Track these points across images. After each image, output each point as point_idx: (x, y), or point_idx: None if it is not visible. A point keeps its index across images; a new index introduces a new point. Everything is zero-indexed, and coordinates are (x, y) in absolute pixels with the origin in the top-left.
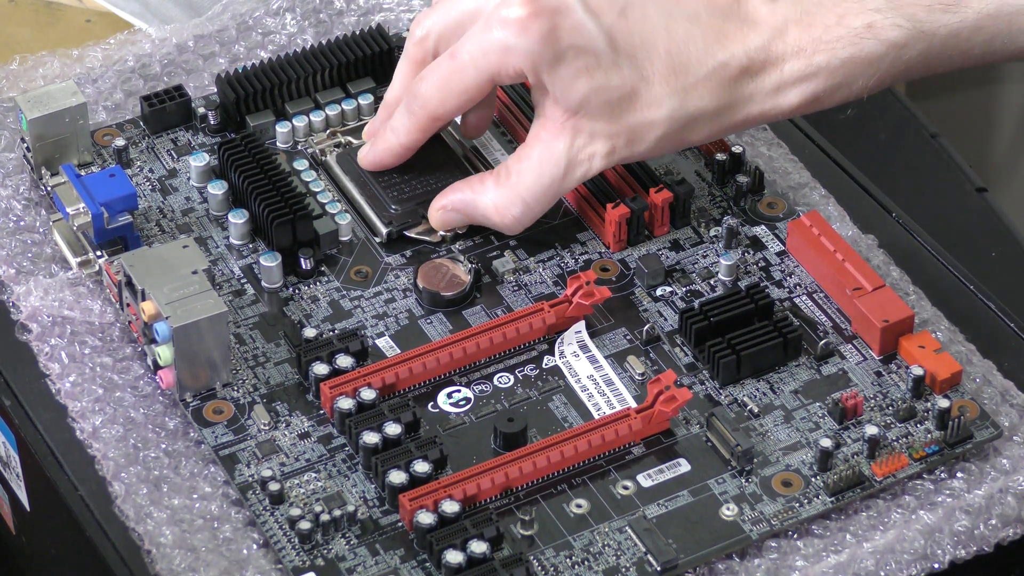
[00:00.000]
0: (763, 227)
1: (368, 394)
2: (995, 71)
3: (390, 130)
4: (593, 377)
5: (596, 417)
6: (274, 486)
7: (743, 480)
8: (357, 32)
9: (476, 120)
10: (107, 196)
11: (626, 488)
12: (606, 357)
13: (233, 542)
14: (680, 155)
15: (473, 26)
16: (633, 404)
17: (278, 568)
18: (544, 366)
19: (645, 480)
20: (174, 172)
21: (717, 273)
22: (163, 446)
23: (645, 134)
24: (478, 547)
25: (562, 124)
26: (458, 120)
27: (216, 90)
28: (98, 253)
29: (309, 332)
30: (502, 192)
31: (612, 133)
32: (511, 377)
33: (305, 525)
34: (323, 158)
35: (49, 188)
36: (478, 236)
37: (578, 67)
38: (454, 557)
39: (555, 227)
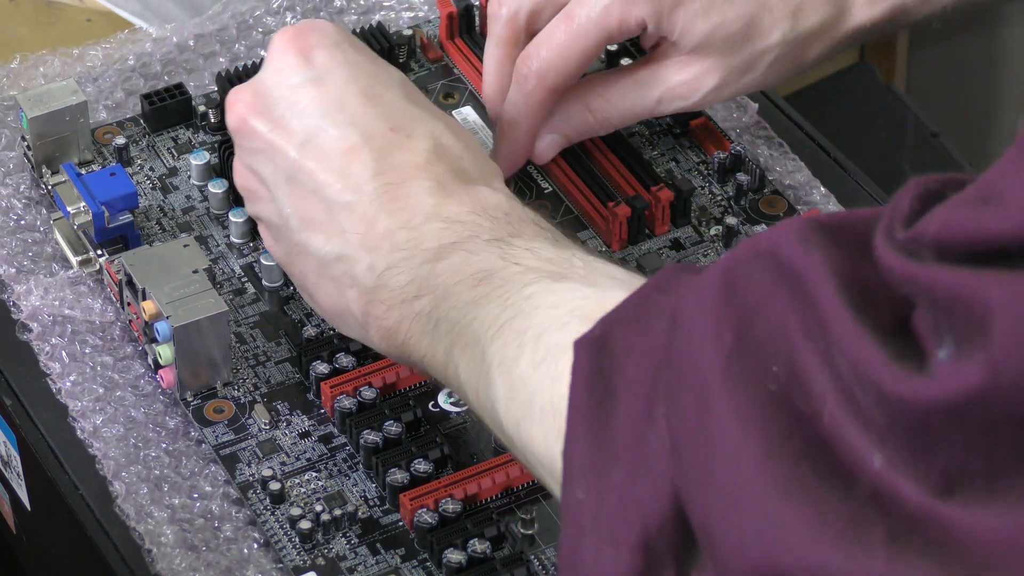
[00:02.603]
0: (763, 226)
1: (369, 393)
2: (995, 70)
3: (509, 125)
4: None
5: None
6: (275, 485)
7: None
8: (358, 31)
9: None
10: (108, 195)
11: None
12: None
13: (234, 541)
14: (681, 154)
15: None
16: None
17: (279, 567)
18: None
19: None
20: (175, 170)
21: None
22: (164, 445)
23: (758, 62)
24: (479, 546)
25: (677, 62)
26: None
27: (217, 88)
28: (99, 252)
29: (310, 331)
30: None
31: (727, 67)
32: None
33: (306, 524)
34: None
35: (50, 187)
36: None
37: (696, 8)
38: (455, 556)
39: (556, 226)
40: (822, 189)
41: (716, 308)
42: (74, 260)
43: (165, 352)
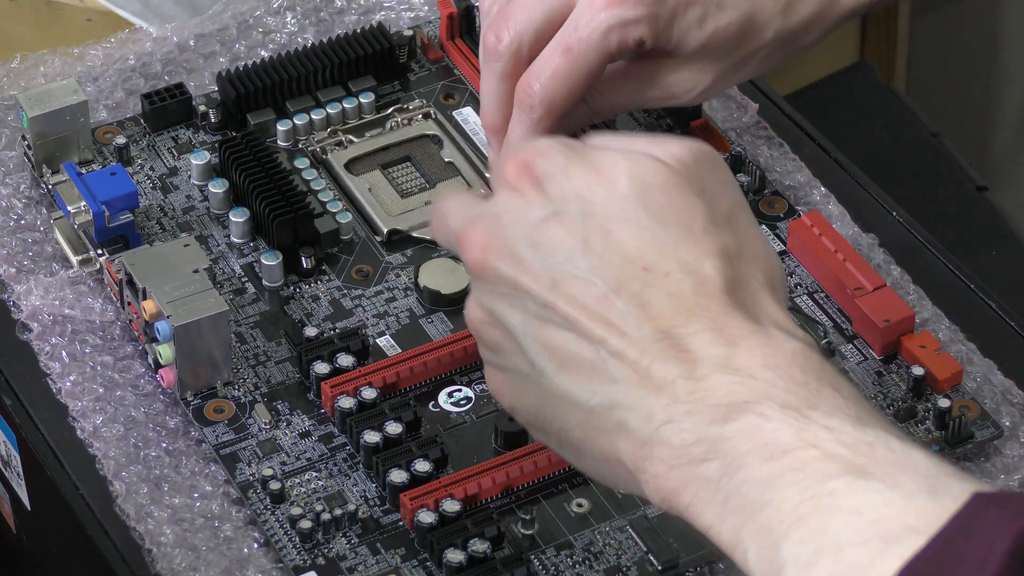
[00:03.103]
0: (764, 227)
1: (369, 393)
2: (995, 70)
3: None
4: None
5: None
6: (275, 485)
7: None
8: (358, 31)
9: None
10: (108, 194)
11: None
12: None
13: (234, 541)
14: None
15: (572, 14)
16: None
17: (279, 567)
18: None
19: None
20: (175, 170)
21: None
22: (164, 445)
23: (752, 58)
24: (479, 546)
25: (673, 63)
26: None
27: (217, 88)
28: (99, 251)
29: (310, 331)
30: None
31: (722, 68)
32: None
33: (306, 524)
34: (324, 156)
35: (50, 186)
36: None
37: (691, 19)
38: (455, 556)
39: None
40: (822, 189)
41: None
42: (74, 259)
43: (165, 352)
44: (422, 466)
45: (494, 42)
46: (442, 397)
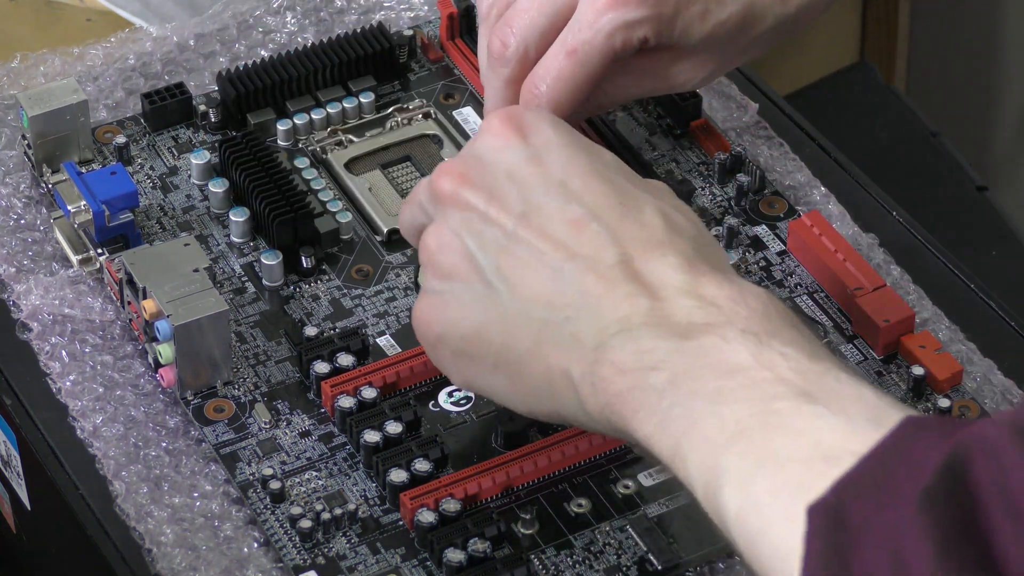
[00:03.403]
0: (764, 227)
1: (369, 393)
2: (995, 70)
3: None
4: None
5: None
6: (275, 485)
7: None
8: (358, 30)
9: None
10: (108, 194)
11: (627, 487)
12: None
13: (234, 541)
14: (681, 154)
15: (575, 16)
16: None
17: (279, 567)
18: None
19: (646, 479)
20: (175, 170)
21: None
22: (164, 444)
23: (751, 46)
24: (479, 546)
25: (673, 55)
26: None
27: (217, 88)
28: (99, 251)
29: (310, 330)
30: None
31: (723, 57)
32: None
33: (306, 524)
34: (324, 156)
35: (50, 186)
36: None
37: (693, 14)
38: (455, 556)
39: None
40: (822, 189)
41: (920, 519)
42: (74, 259)
43: (165, 351)
44: (422, 466)
45: (500, 48)
46: (442, 397)
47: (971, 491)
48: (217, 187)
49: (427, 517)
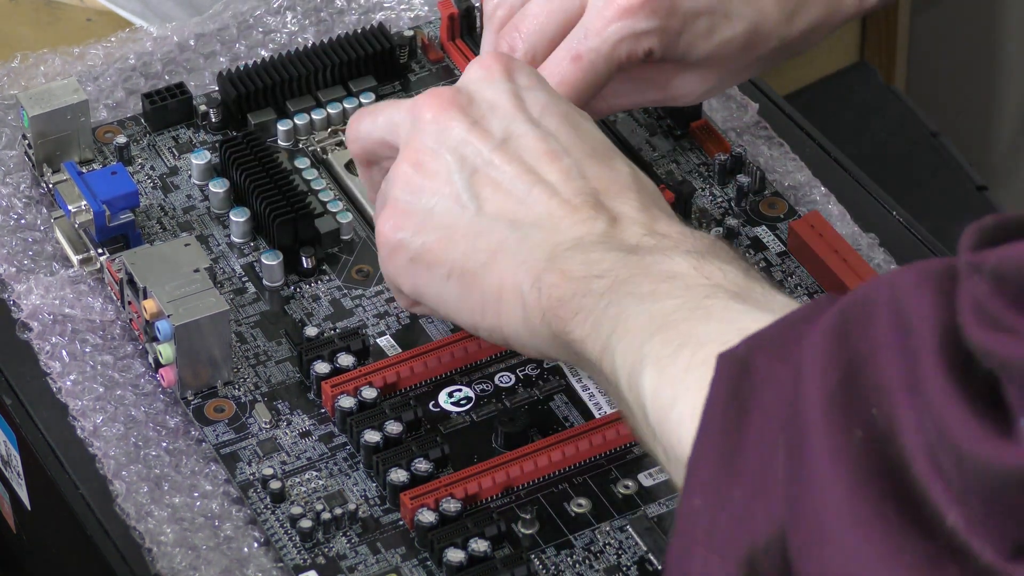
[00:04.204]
0: (764, 227)
1: (369, 393)
2: (995, 70)
3: None
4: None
5: (597, 416)
6: (275, 484)
7: None
8: (358, 31)
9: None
10: (109, 194)
11: (627, 487)
12: None
13: (234, 540)
14: (681, 155)
15: (582, 22)
16: None
17: (279, 566)
18: (545, 365)
19: (646, 479)
20: (175, 170)
21: None
22: (164, 444)
23: (755, 64)
24: (479, 546)
25: (677, 68)
26: None
27: (217, 88)
28: (99, 251)
29: (310, 331)
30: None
31: (726, 73)
32: (512, 376)
33: (306, 523)
34: (324, 156)
35: (51, 185)
36: None
37: (699, 30)
38: (455, 556)
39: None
40: (822, 189)
41: (828, 346)
42: (75, 259)
43: (166, 351)
44: (422, 465)
45: (508, 52)
46: (442, 397)
47: (872, 330)
48: (217, 187)
49: (427, 517)
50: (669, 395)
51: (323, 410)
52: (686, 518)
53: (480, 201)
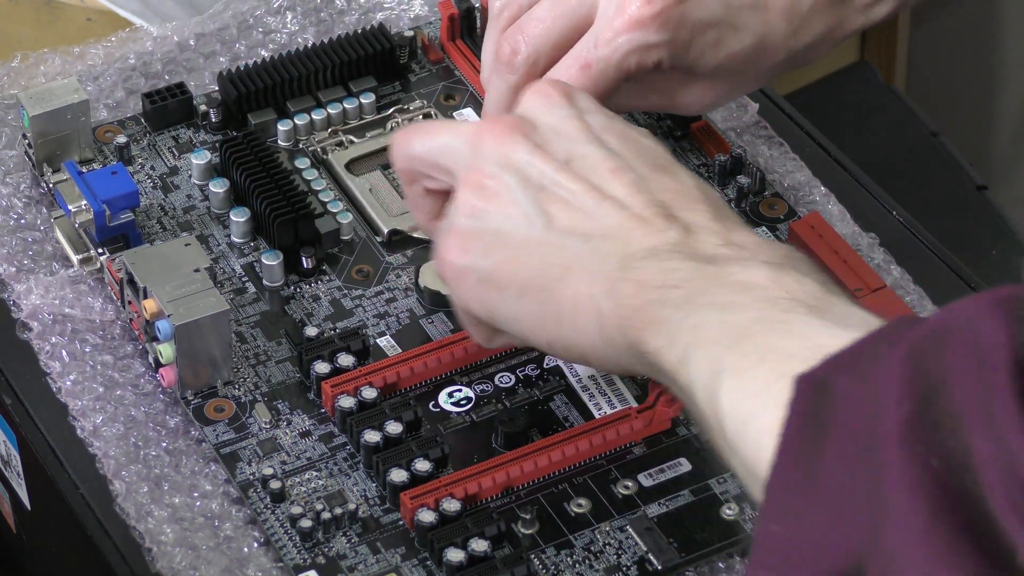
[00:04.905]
0: (764, 228)
1: (369, 393)
2: (995, 70)
3: None
4: (594, 377)
5: (597, 417)
6: (275, 484)
7: None
8: (359, 31)
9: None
10: (109, 193)
11: (627, 487)
12: None
13: (234, 540)
14: (681, 156)
15: (592, 31)
16: (634, 404)
17: (279, 566)
18: (545, 366)
19: (646, 479)
20: (176, 170)
21: None
22: (164, 444)
23: (762, 76)
24: (479, 545)
25: (685, 79)
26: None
27: (218, 88)
28: (100, 250)
29: (310, 331)
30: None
31: (733, 84)
32: (512, 377)
33: (306, 523)
34: (325, 156)
35: (51, 185)
36: None
37: (707, 41)
38: (455, 555)
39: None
40: (822, 189)
41: (905, 373)
42: (75, 259)
43: (166, 351)
44: (422, 465)
45: (510, 54)
46: (442, 397)
47: (947, 358)
48: (218, 187)
49: (427, 517)
50: (747, 411)
51: (323, 410)
52: (763, 544)
53: (548, 217)
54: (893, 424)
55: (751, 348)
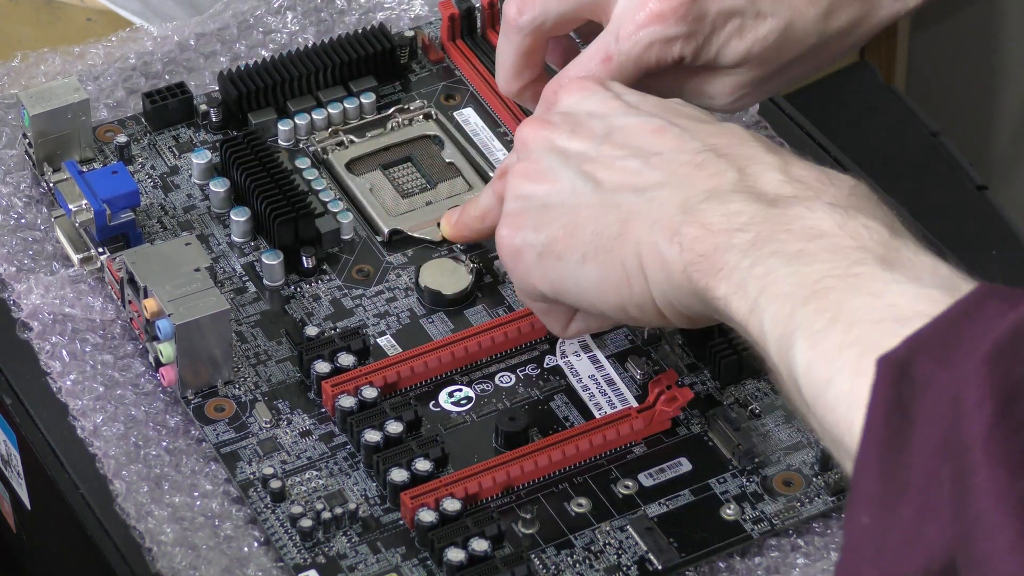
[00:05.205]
0: None
1: (369, 392)
2: (995, 70)
3: None
4: (594, 376)
5: (597, 416)
6: (275, 484)
7: (744, 479)
8: (359, 31)
9: None
10: (109, 193)
11: (627, 487)
12: (607, 357)
13: (234, 540)
14: None
15: (612, 25)
16: (634, 403)
17: (279, 566)
18: (545, 366)
19: (646, 479)
20: (176, 169)
21: None
22: (164, 444)
23: (789, 68)
24: (479, 545)
25: (710, 72)
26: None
27: (218, 87)
28: (100, 250)
29: (311, 330)
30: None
31: (759, 77)
32: (512, 376)
33: (306, 523)
34: (325, 156)
35: (51, 185)
36: None
37: (730, 31)
38: (455, 555)
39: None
40: None
41: (985, 373)
42: (75, 258)
43: (166, 350)
44: (422, 465)
45: (515, 15)
46: (442, 397)
47: (1020, 346)
48: (218, 187)
49: (427, 516)
50: (823, 375)
51: (323, 410)
52: (854, 535)
53: (595, 182)
54: (978, 426)
55: (823, 306)
